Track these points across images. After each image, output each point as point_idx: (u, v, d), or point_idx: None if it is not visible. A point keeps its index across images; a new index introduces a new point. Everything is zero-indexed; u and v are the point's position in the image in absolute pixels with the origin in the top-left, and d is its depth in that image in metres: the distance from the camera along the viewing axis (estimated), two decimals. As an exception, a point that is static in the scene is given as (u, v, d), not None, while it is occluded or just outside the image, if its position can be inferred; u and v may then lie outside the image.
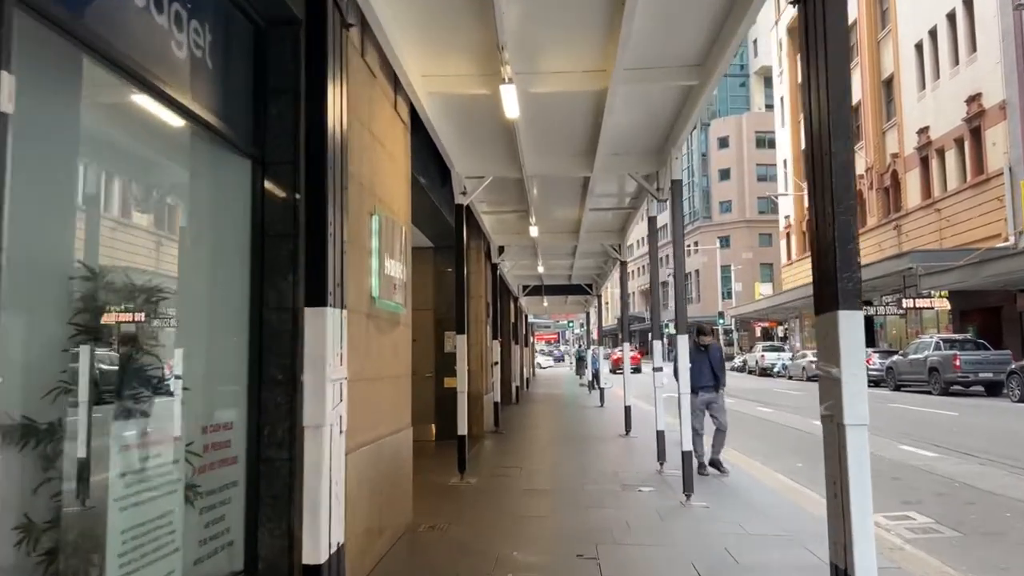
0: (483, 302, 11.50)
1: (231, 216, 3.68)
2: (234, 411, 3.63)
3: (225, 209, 3.64)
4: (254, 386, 3.70)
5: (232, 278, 3.67)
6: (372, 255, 4.51)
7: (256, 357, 3.72)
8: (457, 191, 7.52)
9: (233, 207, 3.69)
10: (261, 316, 3.74)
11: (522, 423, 13.78)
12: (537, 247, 12.41)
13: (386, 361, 4.92)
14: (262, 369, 3.73)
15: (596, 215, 10.76)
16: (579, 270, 16.38)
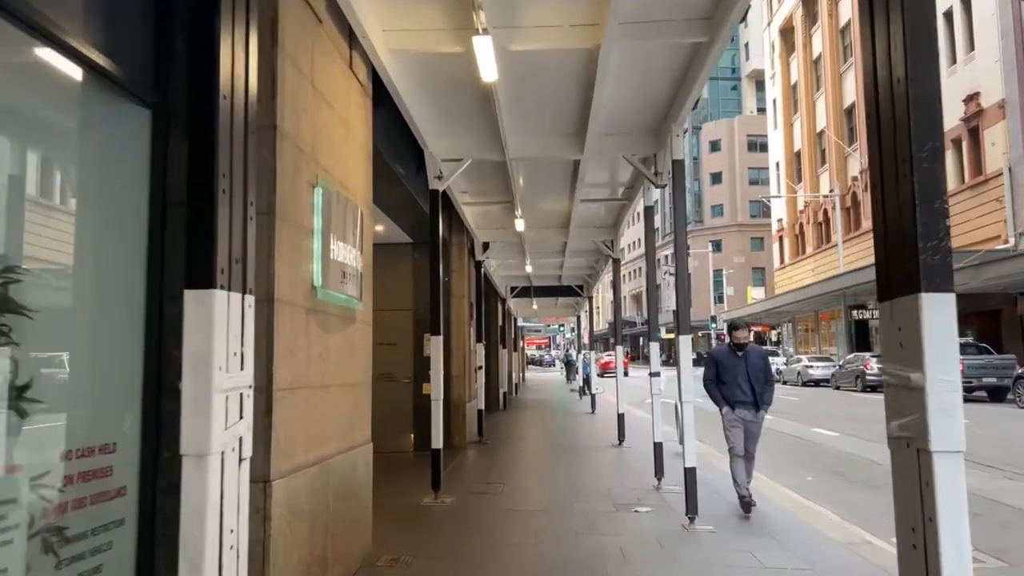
0: (466, 302, 10.69)
1: (123, 178, 2.86)
2: (119, 429, 2.80)
3: (116, 169, 2.82)
4: (150, 396, 2.88)
5: (122, 257, 2.85)
6: (314, 235, 3.70)
7: (153, 358, 2.89)
8: (432, 175, 6.71)
9: (126, 167, 2.88)
10: (161, 306, 2.91)
11: (509, 432, 12.96)
12: (524, 244, 11.62)
13: (336, 365, 4.11)
14: (160, 374, 2.90)
15: (587, 208, 9.99)
16: (569, 270, 15.60)
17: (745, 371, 6.21)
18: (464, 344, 10.52)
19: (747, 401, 6.19)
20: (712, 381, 6.34)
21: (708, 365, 6.39)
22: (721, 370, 6.29)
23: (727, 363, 6.26)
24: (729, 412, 6.27)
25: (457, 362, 10.44)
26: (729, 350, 6.35)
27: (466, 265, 10.78)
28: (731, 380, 6.21)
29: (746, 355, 6.28)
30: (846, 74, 37.49)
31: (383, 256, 10.70)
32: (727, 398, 6.23)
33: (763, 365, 6.31)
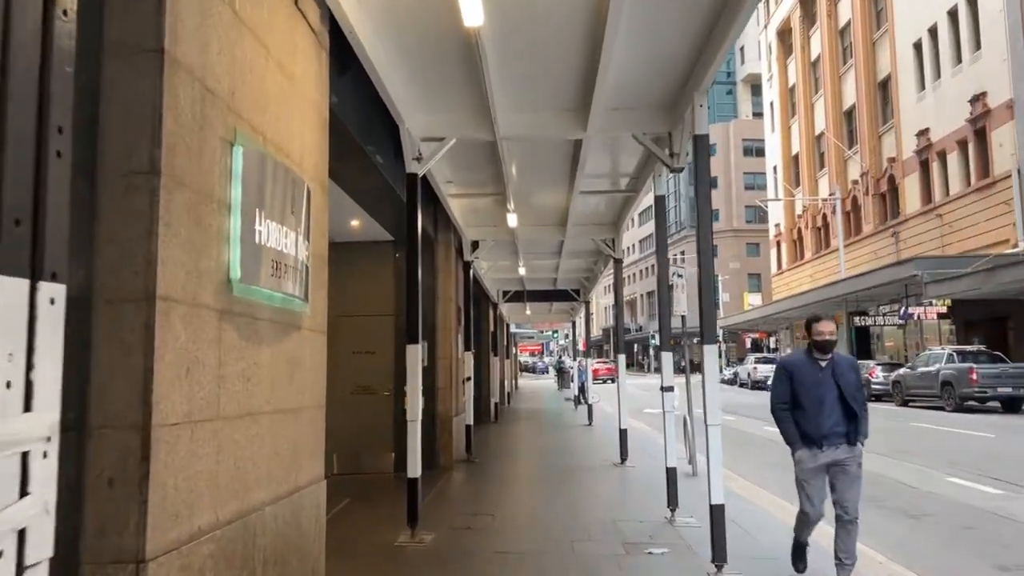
0: (453, 306, 9.70)
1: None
2: None
3: None
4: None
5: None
6: (231, 211, 2.71)
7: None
8: (409, 156, 5.73)
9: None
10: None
11: (500, 448, 11.94)
12: (518, 242, 10.64)
13: (270, 386, 3.11)
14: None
15: (587, 203, 9.03)
16: (565, 272, 14.63)
17: (835, 387, 4.26)
18: (451, 353, 9.53)
19: (839, 433, 4.24)
20: (785, 405, 4.39)
21: (779, 381, 4.46)
22: (799, 388, 4.30)
23: (806, 377, 4.31)
24: (807, 455, 4.30)
25: (443, 373, 9.44)
26: (807, 358, 4.39)
27: (453, 266, 9.80)
28: (813, 403, 4.25)
29: (833, 364, 4.33)
30: (846, 76, 36.78)
31: (360, 255, 9.72)
32: (806, 433, 4.28)
33: (856, 379, 4.41)
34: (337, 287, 9.60)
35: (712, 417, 4.72)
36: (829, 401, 4.26)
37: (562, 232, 9.98)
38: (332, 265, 9.57)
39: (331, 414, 9.33)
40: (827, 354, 4.36)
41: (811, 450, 4.30)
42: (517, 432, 14.64)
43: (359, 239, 9.36)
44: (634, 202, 8.87)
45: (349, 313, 9.48)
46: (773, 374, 4.63)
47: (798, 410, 4.33)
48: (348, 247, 9.52)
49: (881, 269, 27.43)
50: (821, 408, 4.26)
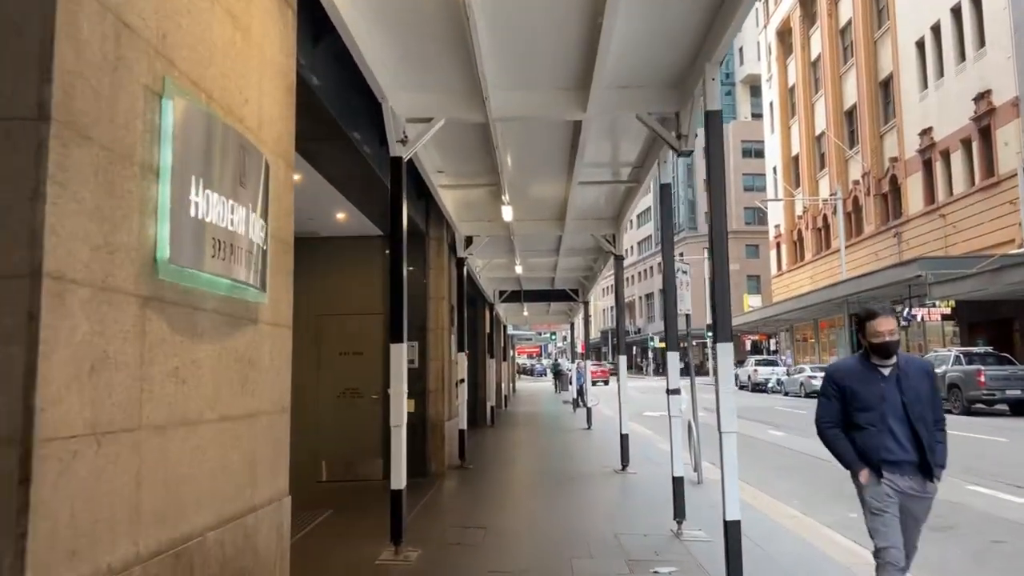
0: (445, 305, 9.22)
1: None
2: None
3: None
4: None
5: None
6: (159, 177, 2.23)
7: None
8: (393, 137, 5.25)
9: None
10: None
11: (495, 454, 11.45)
12: (514, 239, 10.16)
13: (214, 388, 2.63)
14: None
15: (586, 195, 8.56)
16: (564, 271, 14.16)
17: (899, 401, 3.34)
18: (443, 354, 9.04)
19: (907, 461, 3.33)
20: (835, 424, 3.51)
21: (826, 398, 3.55)
22: (852, 401, 3.41)
23: (864, 391, 3.38)
24: (874, 482, 3.36)
25: (434, 375, 8.96)
26: (864, 365, 3.45)
27: (446, 262, 9.32)
28: (875, 420, 3.34)
29: (898, 372, 3.39)
30: (846, 75, 36.41)
31: (347, 250, 9.24)
32: (867, 454, 3.37)
33: (931, 390, 3.44)
34: (322, 284, 9.13)
35: (727, 423, 4.24)
36: (895, 420, 3.31)
37: (560, 227, 9.51)
38: (317, 261, 9.08)
39: (318, 418, 8.84)
40: (889, 359, 3.37)
41: (875, 473, 3.38)
42: (514, 437, 14.16)
43: (346, 233, 8.88)
44: (636, 194, 8.40)
45: (335, 312, 9.00)
46: (822, 386, 3.64)
47: (854, 430, 3.44)
48: (334, 242, 9.05)
49: (884, 270, 27.01)
50: (883, 423, 3.32)
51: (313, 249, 9.07)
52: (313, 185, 6.63)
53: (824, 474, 9.81)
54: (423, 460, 8.75)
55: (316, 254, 9.06)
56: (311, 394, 8.89)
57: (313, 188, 6.74)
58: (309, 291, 9.03)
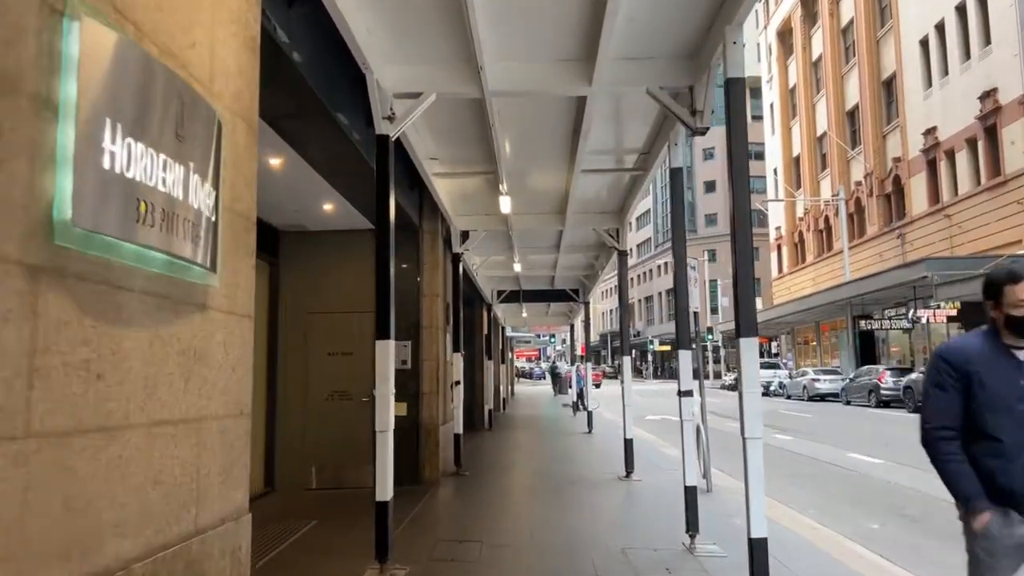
0: (440, 303, 8.73)
1: None
2: None
3: None
4: None
5: None
6: (58, 116, 1.75)
7: None
8: (379, 113, 4.77)
9: None
10: None
11: (493, 459, 10.95)
12: (512, 233, 9.68)
13: (147, 388, 2.15)
14: None
15: (588, 186, 8.08)
16: (564, 270, 13.67)
17: None
18: (437, 354, 8.55)
19: None
20: (954, 433, 2.49)
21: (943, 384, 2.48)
22: (981, 400, 2.42)
23: (996, 381, 2.42)
24: (997, 523, 2.41)
25: (428, 376, 8.47)
26: (993, 346, 2.47)
27: (441, 258, 8.84)
28: (1010, 428, 2.38)
29: None
30: (848, 75, 36.02)
31: (336, 245, 8.76)
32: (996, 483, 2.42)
33: None
34: (311, 280, 8.64)
35: (751, 427, 3.76)
36: None
37: (561, 221, 9.03)
38: (305, 256, 8.59)
39: (306, 422, 8.34)
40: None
41: (1005, 515, 2.40)
42: (512, 441, 13.65)
43: (335, 227, 8.41)
44: (642, 185, 7.93)
45: (325, 309, 8.51)
46: (927, 375, 2.59)
47: (980, 441, 2.44)
48: (323, 236, 8.57)
49: (889, 271, 26.56)
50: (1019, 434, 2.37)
51: (301, 243, 8.59)
52: (296, 171, 6.16)
53: (838, 481, 9.32)
54: (416, 467, 8.26)
55: (304, 249, 8.58)
56: (299, 396, 8.40)
57: (296, 174, 6.26)
58: (297, 288, 8.56)
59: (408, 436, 8.26)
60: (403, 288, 8.41)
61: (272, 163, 5.99)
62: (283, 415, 8.34)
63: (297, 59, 4.20)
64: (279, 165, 6.02)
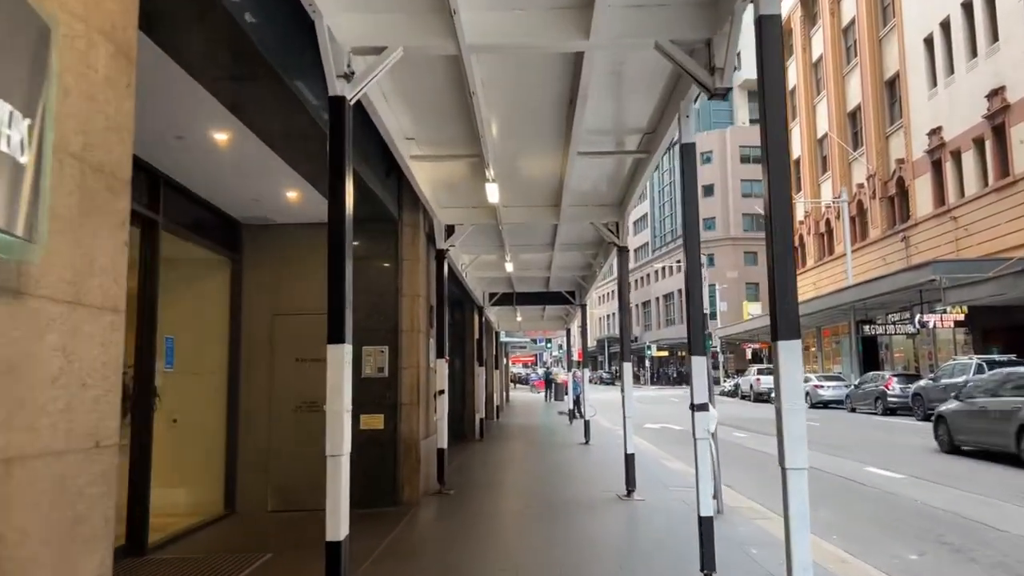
0: (422, 303, 7.90)
1: None
2: None
3: None
4: None
5: None
6: None
7: None
8: (333, 70, 3.94)
9: None
10: None
11: (481, 476, 10.10)
12: (502, 228, 8.86)
13: None
14: None
15: (586, 173, 7.27)
16: (560, 270, 12.83)
17: None
18: (418, 361, 7.72)
19: None
20: None
21: None
22: None
23: None
24: None
25: (408, 385, 7.64)
26: None
27: (422, 254, 8.01)
28: None
29: None
30: (850, 76, 35.38)
31: (306, 239, 7.88)
32: None
33: None
34: (277, 279, 7.79)
35: (794, 455, 2.93)
36: None
37: (555, 214, 8.22)
38: (271, 251, 7.73)
39: (269, 437, 7.49)
40: None
41: None
42: (504, 453, 12.80)
43: (303, 219, 7.59)
44: (645, 172, 7.12)
45: (293, 311, 7.68)
46: None
47: None
48: (290, 230, 7.74)
49: (895, 274, 25.79)
50: None
51: (266, 238, 7.76)
52: (248, 149, 5.33)
53: (859, 499, 8.49)
54: (393, 487, 7.41)
55: (270, 243, 7.75)
56: (263, 407, 7.56)
57: (248, 153, 5.44)
58: (262, 287, 7.72)
59: (385, 452, 7.43)
60: (380, 288, 7.60)
61: (217, 139, 5.16)
62: (246, 429, 7.49)
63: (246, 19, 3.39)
64: (226, 142, 5.20)
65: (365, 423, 7.43)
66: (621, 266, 8.14)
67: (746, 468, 10.93)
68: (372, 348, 7.51)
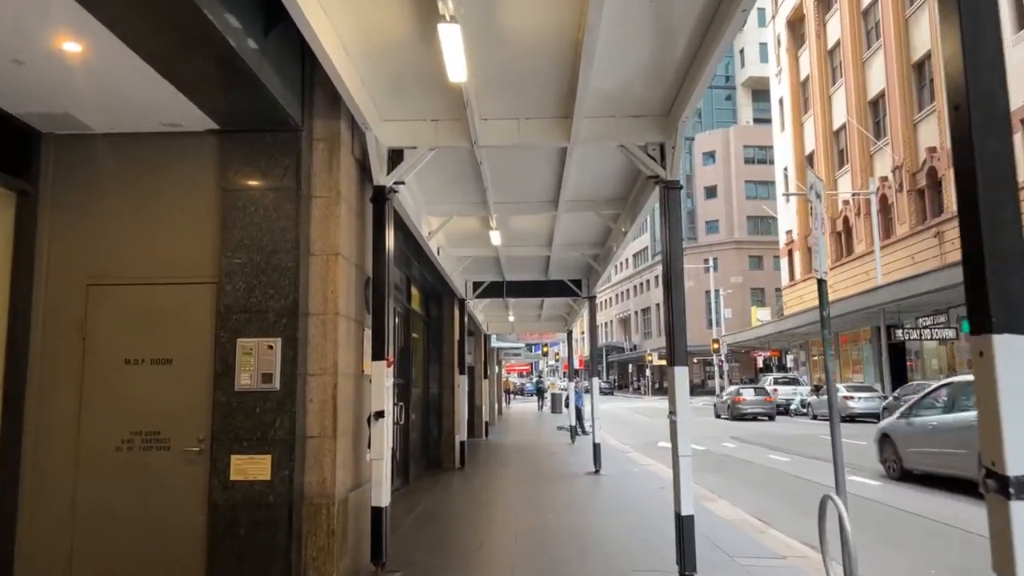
0: (343, 269, 4.79)
1: None
2: None
3: None
4: None
5: None
6: None
7: None
8: None
9: None
10: None
11: (451, 533, 6.96)
12: (481, 157, 5.73)
13: None
14: None
15: (617, 59, 4.18)
16: (564, 247, 9.60)
17: None
18: (335, 363, 4.60)
19: None
20: None
21: None
22: None
23: None
24: None
25: (317, 405, 4.53)
26: None
27: (348, 189, 4.92)
28: None
29: None
30: (871, 60, 32.57)
31: (147, 161, 4.28)
32: None
33: None
34: (97, 225, 4.50)
35: None
36: None
37: (565, 131, 5.13)
38: (88, 179, 3.97)
39: (77, 492, 4.27)
40: None
41: None
42: (488, 491, 9.65)
43: (142, 127, 4.51)
44: (709, 58, 4.06)
45: (122, 278, 4.59)
46: None
47: None
48: (119, 144, 4.67)
49: (937, 271, 22.81)
50: None
51: (81, 157, 4.66)
52: None
53: (935, 538, 5.42)
54: None
55: (87, 166, 4.65)
56: (66, 443, 4.44)
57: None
58: (71, 238, 4.61)
59: (273, 519, 4.30)
60: (269, 240, 4.52)
61: None
62: (32, 483, 4.37)
63: None
64: None
65: (238, 471, 4.31)
66: (668, 213, 5.04)
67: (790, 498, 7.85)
68: (252, 342, 4.40)
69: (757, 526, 7.18)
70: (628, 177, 6.62)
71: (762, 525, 7.28)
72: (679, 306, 4.83)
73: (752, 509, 8.14)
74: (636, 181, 6.68)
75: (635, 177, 6.59)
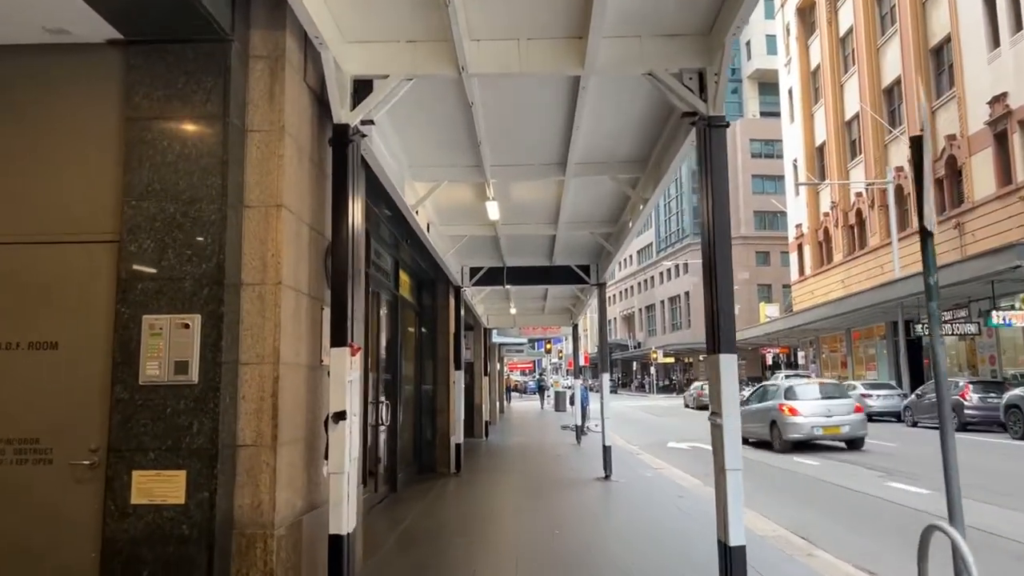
0: (290, 226, 3.69)
1: None
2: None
3: None
4: None
5: None
6: None
7: None
8: None
9: None
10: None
11: (438, 561, 5.86)
12: (471, 91, 4.60)
13: None
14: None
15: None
16: (572, 225, 8.42)
17: None
18: (276, 350, 3.50)
19: None
20: None
21: None
22: None
23: None
24: None
25: (252, 404, 3.43)
26: None
27: (295, 124, 3.81)
28: None
29: None
30: (885, 47, 31.40)
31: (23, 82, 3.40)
32: None
33: None
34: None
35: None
36: None
37: (579, 55, 4.01)
38: None
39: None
40: None
41: None
42: (485, 501, 8.53)
43: (9, 36, 3.40)
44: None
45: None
46: None
47: None
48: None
49: (961, 262, 21.62)
50: None
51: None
52: None
53: None
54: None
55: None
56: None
57: None
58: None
59: (186, 559, 3.18)
60: (183, 185, 3.39)
61: None
62: None
63: None
64: None
65: (142, 492, 3.20)
66: (711, 158, 3.91)
67: (842, 512, 6.71)
68: (163, 319, 3.29)
69: (800, 546, 6.08)
70: (653, 125, 5.47)
71: (806, 544, 6.18)
72: (726, 279, 3.71)
73: (788, 522, 7.05)
74: (663, 132, 5.52)
75: (661, 125, 5.44)
